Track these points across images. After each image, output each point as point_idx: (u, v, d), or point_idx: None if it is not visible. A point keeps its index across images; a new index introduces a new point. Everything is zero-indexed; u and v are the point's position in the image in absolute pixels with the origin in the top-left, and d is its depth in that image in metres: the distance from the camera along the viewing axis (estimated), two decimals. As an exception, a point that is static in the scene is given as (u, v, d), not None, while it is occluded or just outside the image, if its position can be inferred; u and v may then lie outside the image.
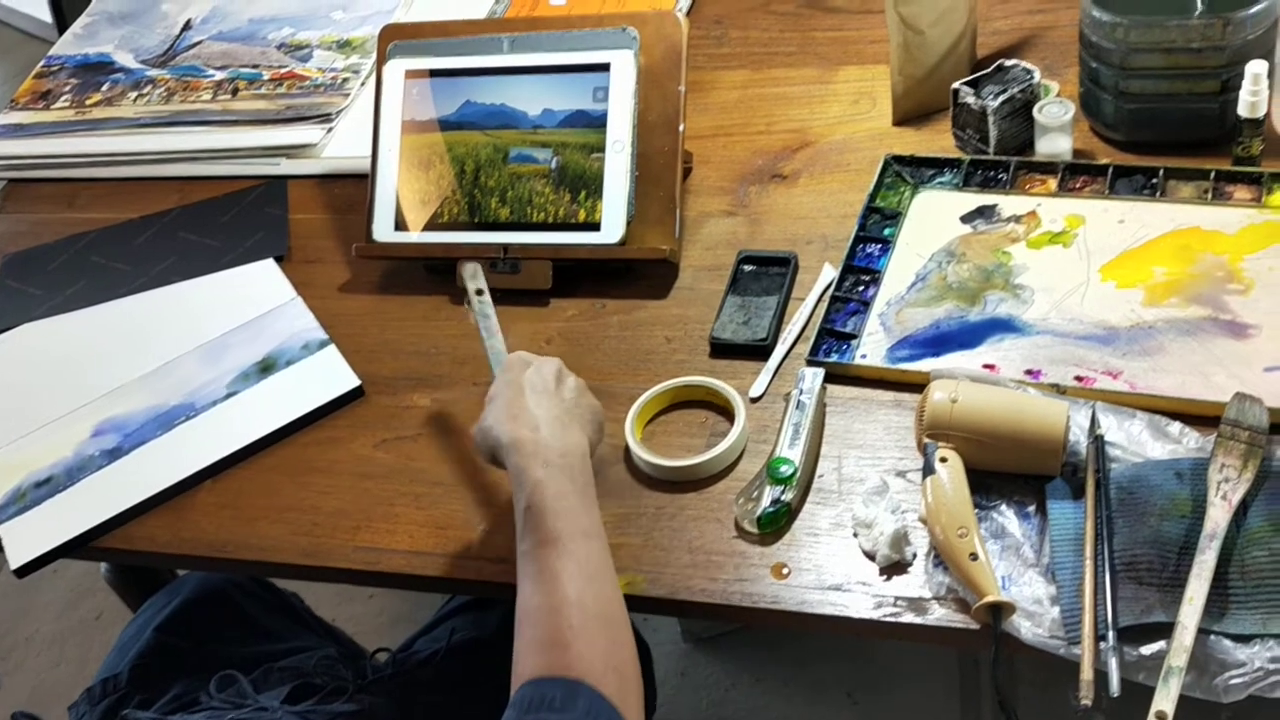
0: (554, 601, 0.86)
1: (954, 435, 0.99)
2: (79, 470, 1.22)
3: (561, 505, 0.90)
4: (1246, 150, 1.18)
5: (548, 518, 0.90)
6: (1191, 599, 0.88)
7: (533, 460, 0.93)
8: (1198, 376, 1.04)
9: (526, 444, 0.94)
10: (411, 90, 1.35)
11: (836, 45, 1.48)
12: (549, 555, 0.88)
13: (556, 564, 0.88)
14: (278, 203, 1.49)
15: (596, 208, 1.27)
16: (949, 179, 1.26)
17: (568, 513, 0.90)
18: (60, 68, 1.77)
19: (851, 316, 1.17)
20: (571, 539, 0.89)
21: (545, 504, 0.90)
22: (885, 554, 0.98)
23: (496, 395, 1.00)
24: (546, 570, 0.88)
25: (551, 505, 0.90)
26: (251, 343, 1.31)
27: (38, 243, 1.53)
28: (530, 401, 0.98)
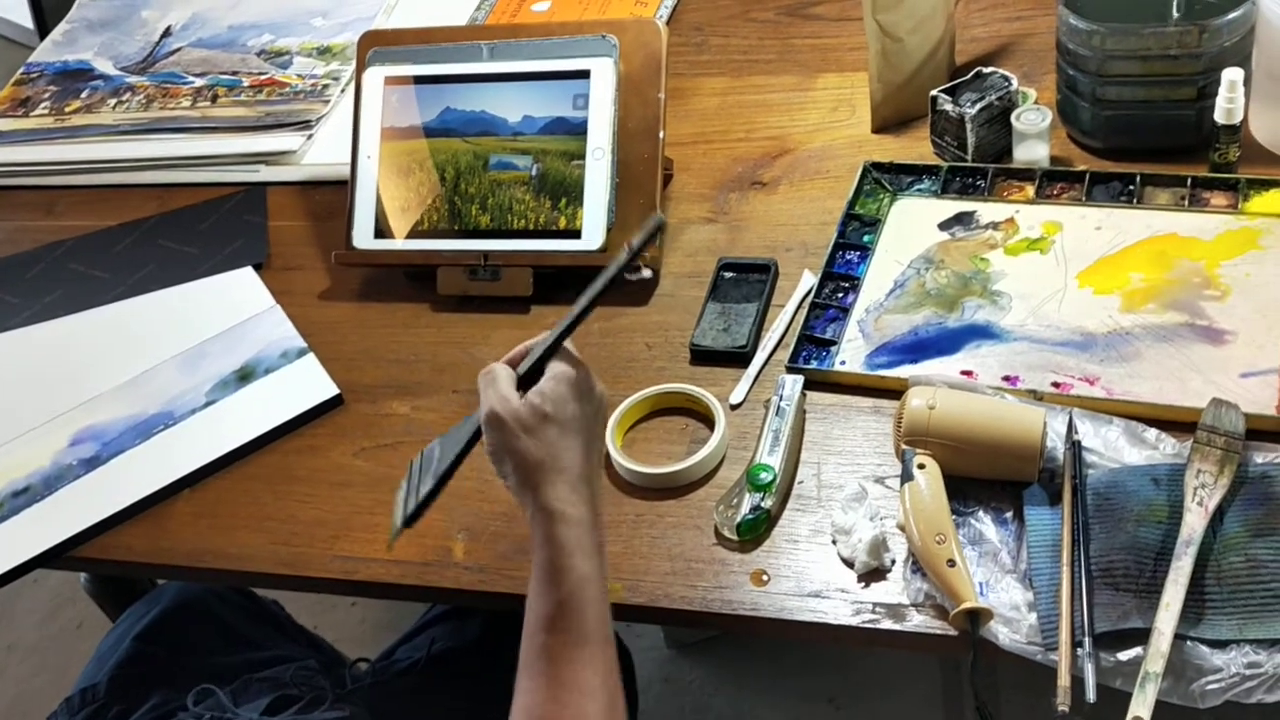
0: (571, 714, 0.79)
1: (932, 442, 1.00)
2: (57, 480, 1.22)
3: (600, 609, 0.81)
4: (1223, 157, 1.19)
5: (587, 618, 0.81)
6: (1168, 605, 0.89)
7: (578, 548, 0.82)
8: (1174, 382, 1.05)
9: (573, 522, 0.83)
10: (391, 97, 1.35)
11: (816, 53, 1.49)
12: (578, 660, 0.80)
13: (582, 672, 0.80)
14: (257, 210, 1.48)
15: (577, 215, 1.27)
16: (927, 186, 1.27)
17: (601, 618, 0.82)
18: (39, 74, 1.76)
19: (831, 323, 1.17)
20: (602, 645, 0.81)
21: (587, 599, 0.81)
22: (864, 561, 0.98)
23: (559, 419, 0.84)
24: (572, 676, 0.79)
25: (593, 605, 0.81)
26: (230, 351, 1.30)
27: (15, 250, 1.52)
28: (588, 458, 0.85)
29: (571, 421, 0.85)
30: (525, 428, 0.84)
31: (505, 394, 0.85)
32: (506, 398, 0.85)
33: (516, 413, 0.84)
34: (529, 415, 0.84)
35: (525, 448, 0.84)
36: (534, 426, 0.84)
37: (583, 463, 0.85)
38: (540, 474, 0.84)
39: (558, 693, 0.79)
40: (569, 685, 0.79)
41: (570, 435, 0.85)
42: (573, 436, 0.85)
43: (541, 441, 0.84)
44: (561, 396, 0.85)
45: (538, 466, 0.84)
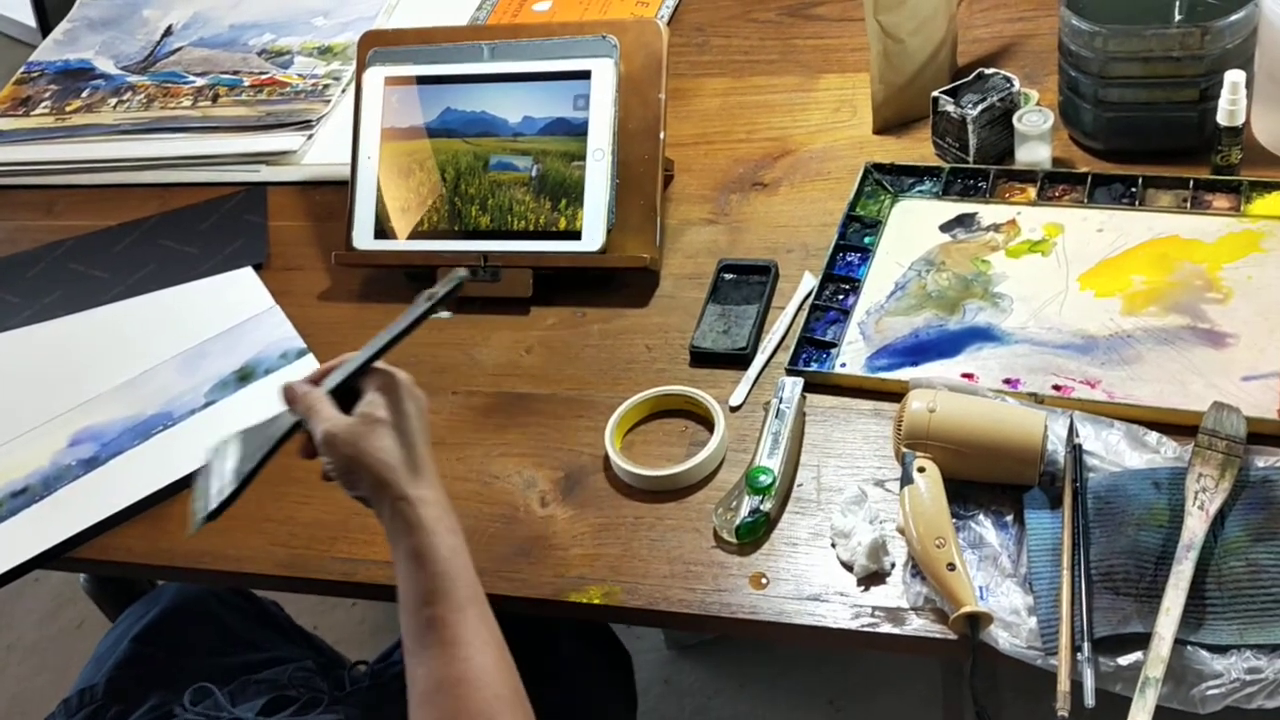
0: (470, 673, 0.84)
1: (932, 445, 0.99)
2: (55, 480, 1.21)
3: (470, 576, 0.88)
4: (1225, 159, 1.18)
5: (460, 585, 0.87)
6: (1168, 609, 0.88)
7: (440, 527, 0.89)
8: (1176, 385, 1.04)
9: (430, 504, 0.89)
10: (391, 97, 1.35)
11: (817, 53, 1.48)
12: (462, 624, 0.86)
13: (470, 636, 0.86)
14: (257, 210, 1.48)
15: (577, 216, 1.27)
16: (929, 187, 1.26)
17: (473, 584, 0.88)
18: (40, 74, 1.76)
19: (831, 325, 1.16)
20: (480, 606, 0.87)
21: (458, 569, 0.87)
22: (863, 564, 0.98)
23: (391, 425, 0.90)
24: (460, 641, 0.85)
25: (464, 574, 0.88)
26: (230, 352, 1.30)
27: (15, 250, 1.52)
28: (425, 451, 0.92)
29: (403, 421, 0.91)
30: (363, 437, 0.90)
31: (333, 415, 0.92)
32: (336, 418, 0.91)
33: (352, 427, 0.90)
34: (364, 426, 0.90)
35: (368, 453, 0.90)
36: (371, 434, 0.90)
37: (423, 455, 0.92)
38: (389, 472, 0.89)
39: (453, 652, 0.85)
40: (461, 643, 0.85)
41: (405, 434, 0.91)
42: (408, 435, 0.91)
43: (382, 445, 0.90)
44: (388, 403, 0.92)
45: (384, 467, 0.90)
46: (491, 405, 1.19)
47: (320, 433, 0.91)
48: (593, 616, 1.04)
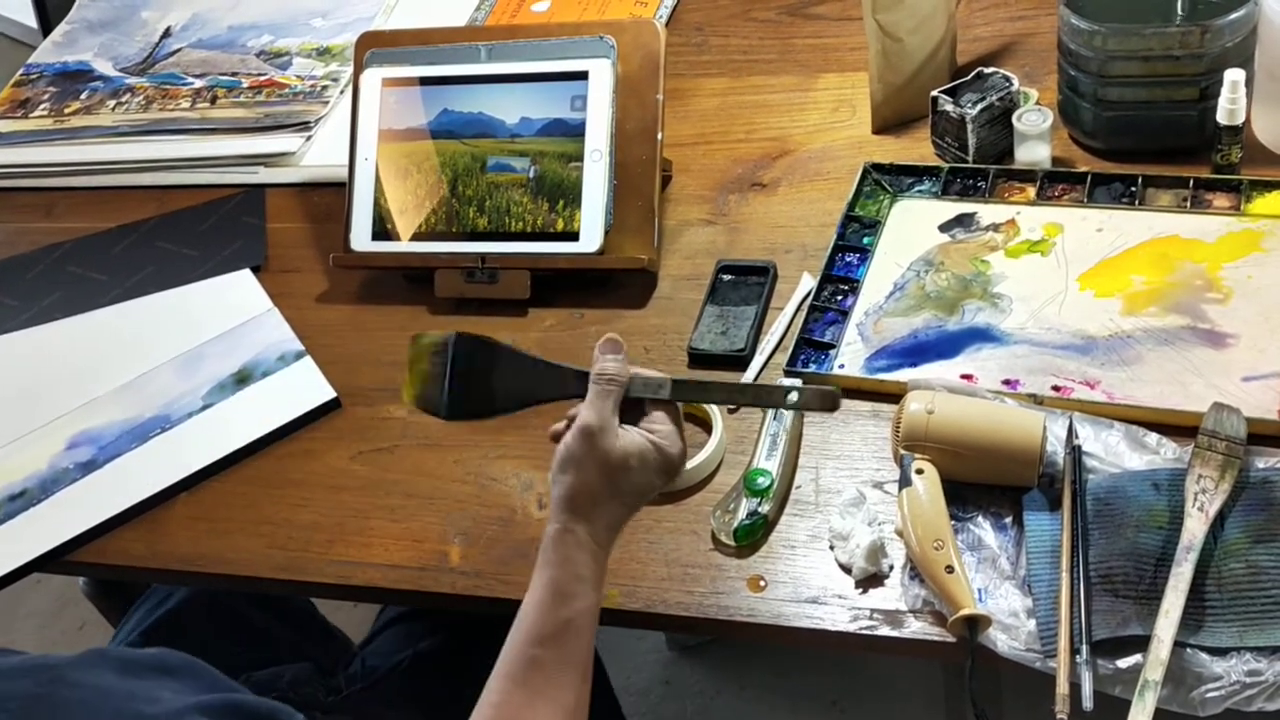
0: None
1: (930, 447, 0.99)
2: (53, 483, 1.21)
3: (591, 641, 0.85)
4: (1225, 158, 1.18)
5: (582, 645, 0.84)
6: (1168, 611, 0.88)
7: (592, 579, 0.86)
8: (1175, 386, 1.04)
9: (595, 556, 0.86)
10: (389, 98, 1.34)
11: (816, 53, 1.48)
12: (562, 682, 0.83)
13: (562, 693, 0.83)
14: (256, 212, 1.48)
15: (575, 217, 1.26)
16: (928, 187, 1.26)
17: (590, 649, 0.85)
18: (39, 76, 1.76)
19: (830, 326, 1.16)
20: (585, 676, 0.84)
21: (585, 627, 0.84)
22: (861, 566, 0.97)
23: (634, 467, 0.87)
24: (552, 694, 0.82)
25: (588, 635, 0.85)
26: (227, 354, 1.30)
27: (14, 252, 1.52)
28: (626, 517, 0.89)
29: (641, 482, 0.88)
30: (605, 459, 0.86)
31: (609, 415, 0.87)
32: (608, 420, 0.87)
33: (610, 445, 0.86)
34: (617, 454, 0.87)
35: (591, 476, 0.86)
36: (614, 465, 0.86)
37: (624, 515, 0.89)
38: (589, 504, 0.86)
39: (536, 702, 0.81)
40: (549, 700, 0.81)
41: (631, 492, 0.88)
42: (632, 494, 0.88)
43: (610, 481, 0.86)
44: (649, 462, 0.88)
45: (591, 497, 0.86)
46: (489, 407, 1.19)
47: (586, 418, 0.87)
48: (591, 619, 1.04)
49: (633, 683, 1.50)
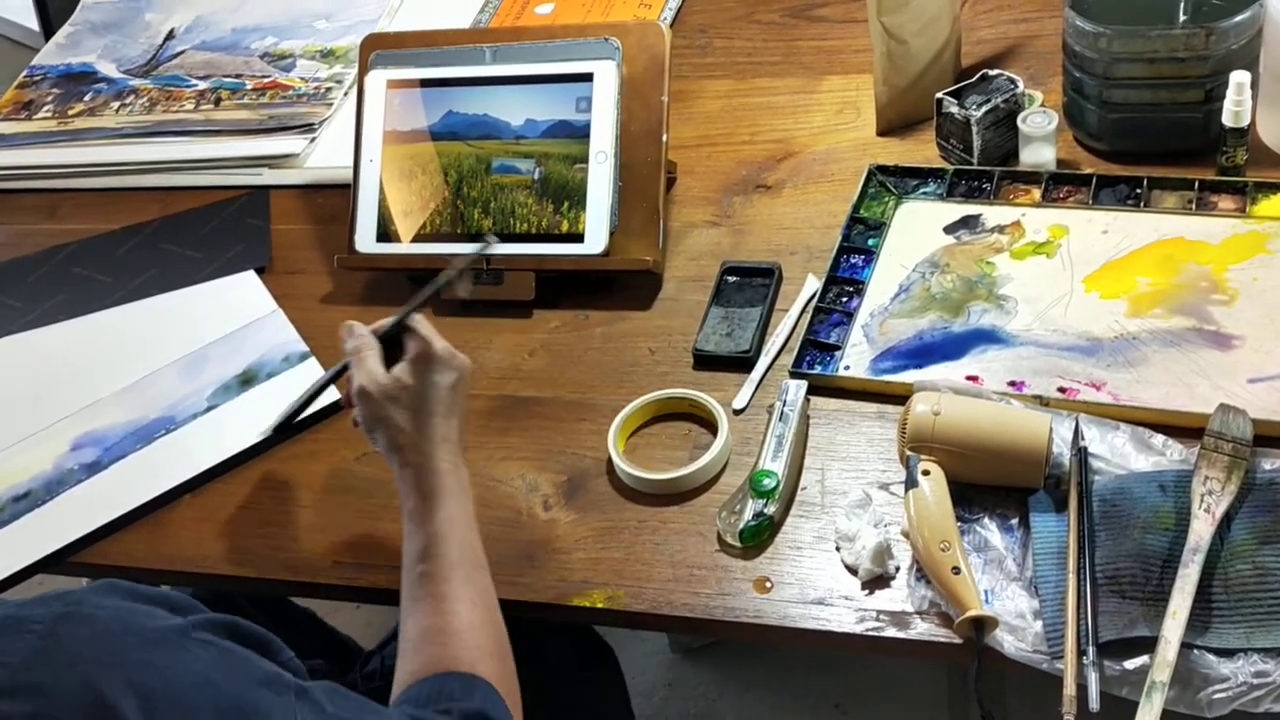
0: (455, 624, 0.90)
1: (936, 448, 0.99)
2: (58, 484, 1.21)
3: (466, 538, 0.94)
4: (1231, 160, 1.18)
5: (453, 546, 0.93)
6: (1175, 613, 0.88)
7: (443, 491, 0.95)
8: (1181, 388, 1.04)
9: (436, 472, 0.96)
10: (394, 100, 1.35)
11: (821, 55, 1.48)
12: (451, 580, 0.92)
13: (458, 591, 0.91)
14: (260, 213, 1.48)
15: (579, 218, 1.26)
16: (933, 189, 1.26)
17: (469, 546, 0.94)
18: (43, 77, 1.76)
19: (835, 328, 1.16)
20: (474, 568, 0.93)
21: (453, 532, 0.94)
22: (868, 568, 0.97)
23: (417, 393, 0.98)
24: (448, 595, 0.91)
25: (459, 536, 0.94)
26: (232, 355, 1.30)
27: (18, 254, 1.52)
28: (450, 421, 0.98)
29: (430, 390, 0.98)
30: (390, 398, 0.98)
31: (373, 369, 0.99)
32: (373, 373, 0.99)
33: (383, 387, 0.98)
34: (393, 387, 0.98)
35: (390, 415, 0.97)
36: (397, 397, 0.98)
37: (441, 423, 0.98)
38: (404, 436, 0.97)
39: (440, 605, 0.90)
40: (450, 598, 0.91)
41: (429, 402, 0.98)
42: (431, 403, 0.98)
43: (404, 409, 0.97)
44: (417, 371, 0.99)
45: (400, 430, 0.97)
46: (494, 409, 1.19)
47: (357, 384, 0.99)
48: (596, 621, 1.04)
49: (636, 684, 1.50)
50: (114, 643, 0.68)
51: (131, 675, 0.67)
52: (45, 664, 0.66)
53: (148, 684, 0.67)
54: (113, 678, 0.66)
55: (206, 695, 0.69)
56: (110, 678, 0.66)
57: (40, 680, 0.65)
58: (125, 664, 0.67)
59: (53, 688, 0.65)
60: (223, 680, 0.70)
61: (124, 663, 0.67)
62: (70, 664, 0.66)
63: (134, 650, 0.68)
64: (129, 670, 0.67)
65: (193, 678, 0.69)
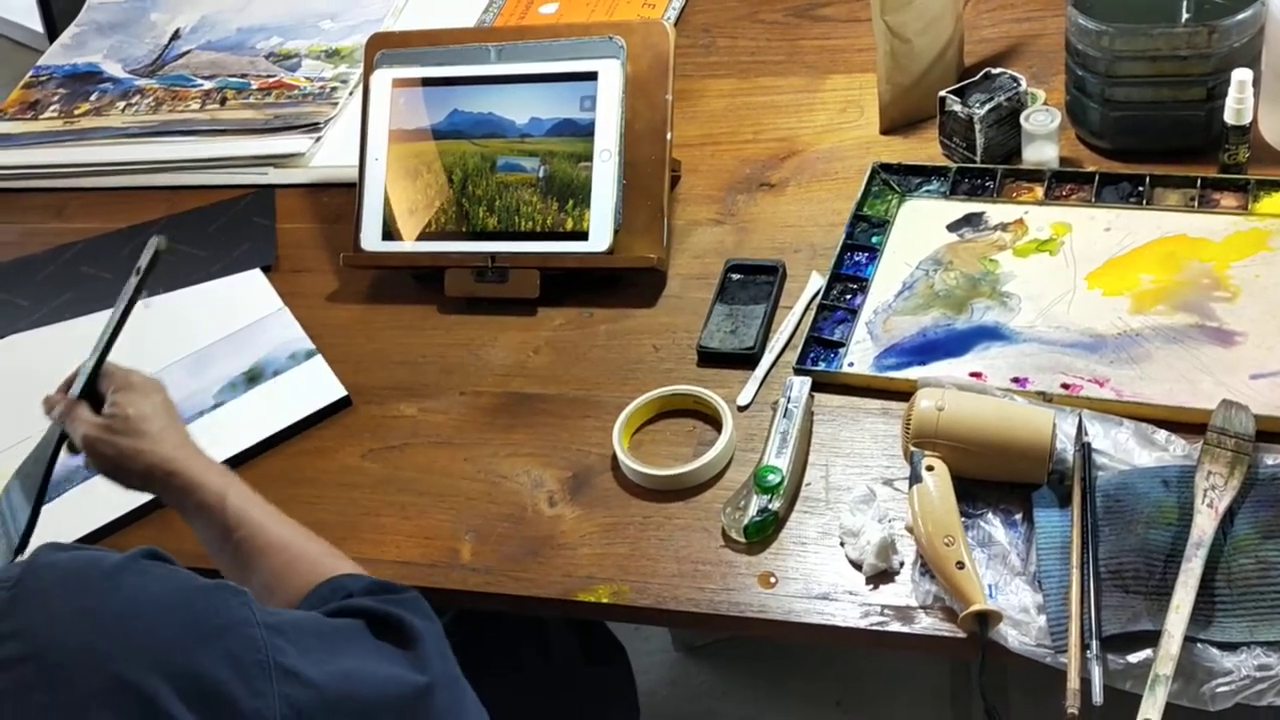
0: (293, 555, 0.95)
1: (940, 444, 0.99)
2: (64, 482, 1.21)
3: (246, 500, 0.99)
4: (1233, 157, 1.18)
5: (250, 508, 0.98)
6: (1178, 607, 0.88)
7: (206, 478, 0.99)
8: (1184, 384, 1.04)
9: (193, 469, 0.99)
10: (399, 99, 1.35)
11: (824, 54, 1.48)
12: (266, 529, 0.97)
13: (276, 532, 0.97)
14: (265, 212, 1.48)
15: (584, 216, 1.27)
16: (936, 187, 1.27)
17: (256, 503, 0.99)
18: (49, 77, 1.77)
19: (839, 325, 1.16)
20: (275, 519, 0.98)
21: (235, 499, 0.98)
22: (872, 563, 0.98)
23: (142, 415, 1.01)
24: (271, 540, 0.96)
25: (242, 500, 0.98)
26: (238, 353, 1.30)
27: (25, 253, 1.52)
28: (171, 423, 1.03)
29: (150, 409, 1.02)
30: (116, 432, 1.00)
31: (89, 418, 1.02)
32: (90, 421, 1.02)
33: (105, 428, 1.01)
34: (116, 423, 1.01)
35: (123, 447, 1.00)
36: (122, 429, 1.00)
37: (171, 430, 1.02)
38: (148, 458, 1.00)
39: (273, 554, 0.95)
40: (275, 544, 0.95)
41: (156, 419, 1.01)
42: (155, 419, 1.01)
43: (136, 438, 1.00)
44: (130, 400, 1.02)
45: (139, 453, 1.00)
46: (499, 405, 1.20)
47: (80, 437, 1.02)
48: (601, 616, 1.05)
49: (639, 683, 1.50)
50: (78, 578, 0.73)
51: (101, 601, 0.72)
52: (20, 610, 0.71)
53: (122, 608, 0.72)
54: (84, 606, 0.72)
55: (177, 605, 0.74)
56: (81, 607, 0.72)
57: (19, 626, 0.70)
58: (93, 592, 0.72)
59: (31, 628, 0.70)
60: (184, 590, 0.76)
61: (91, 591, 0.72)
62: (42, 604, 0.71)
63: (98, 580, 0.73)
64: (98, 597, 0.72)
65: (161, 594, 0.74)
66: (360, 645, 0.82)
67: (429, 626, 0.86)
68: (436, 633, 0.86)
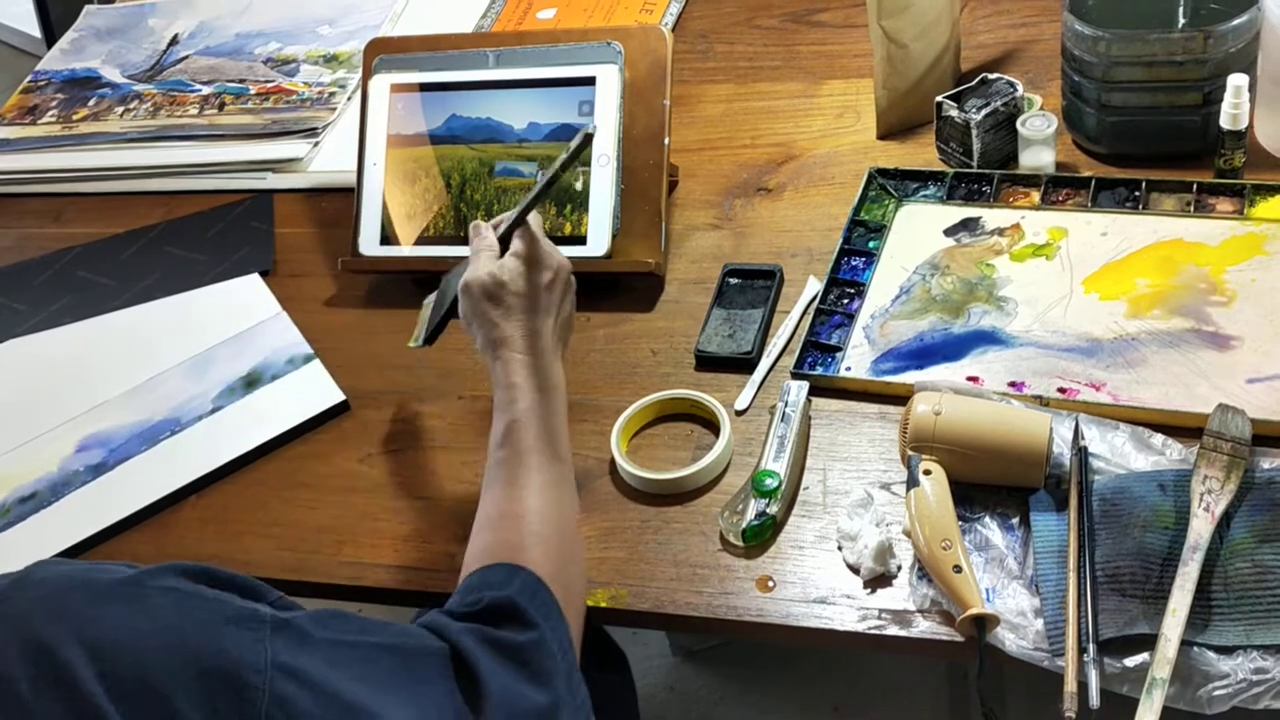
0: (519, 509, 0.93)
1: (938, 448, 0.99)
2: (64, 486, 1.22)
3: (545, 427, 0.97)
4: (1229, 163, 1.19)
5: (531, 433, 0.96)
6: (1175, 611, 0.89)
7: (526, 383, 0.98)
8: (1180, 388, 1.04)
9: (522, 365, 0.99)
10: (397, 104, 1.35)
11: (821, 59, 1.49)
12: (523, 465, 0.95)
13: (527, 477, 0.94)
14: (264, 217, 1.49)
15: (582, 221, 1.27)
16: (933, 192, 1.27)
17: (547, 434, 0.97)
18: (47, 83, 1.77)
19: (836, 329, 1.17)
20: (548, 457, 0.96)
21: (532, 421, 0.97)
22: (869, 567, 0.98)
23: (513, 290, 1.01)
24: (518, 480, 0.94)
25: (537, 423, 0.97)
26: (236, 357, 1.30)
27: (23, 258, 1.53)
28: (546, 320, 1.01)
29: (525, 288, 1.01)
30: (488, 295, 1.01)
31: (480, 267, 1.03)
32: (479, 270, 1.02)
33: (484, 284, 1.01)
34: (492, 285, 1.01)
35: (486, 310, 1.01)
36: (494, 294, 1.01)
37: (533, 320, 1.01)
38: (496, 331, 1.01)
39: (508, 491, 0.94)
40: (518, 484, 0.94)
41: (523, 299, 1.01)
42: (526, 300, 1.01)
43: (499, 306, 1.01)
44: (515, 269, 1.01)
45: (494, 325, 1.01)
46: (498, 410, 1.20)
47: (463, 280, 1.03)
48: (600, 620, 1.04)
49: (637, 687, 1.51)
50: (63, 600, 0.69)
51: (81, 630, 0.67)
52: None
53: (99, 638, 0.67)
54: (61, 633, 0.67)
55: (164, 642, 0.69)
56: (58, 634, 0.67)
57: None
58: (75, 618, 0.68)
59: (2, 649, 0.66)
60: (182, 625, 0.70)
61: (74, 617, 0.68)
62: (18, 624, 0.67)
63: (85, 606, 0.69)
64: (79, 624, 0.67)
65: (150, 626, 0.69)
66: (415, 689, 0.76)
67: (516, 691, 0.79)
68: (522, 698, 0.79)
